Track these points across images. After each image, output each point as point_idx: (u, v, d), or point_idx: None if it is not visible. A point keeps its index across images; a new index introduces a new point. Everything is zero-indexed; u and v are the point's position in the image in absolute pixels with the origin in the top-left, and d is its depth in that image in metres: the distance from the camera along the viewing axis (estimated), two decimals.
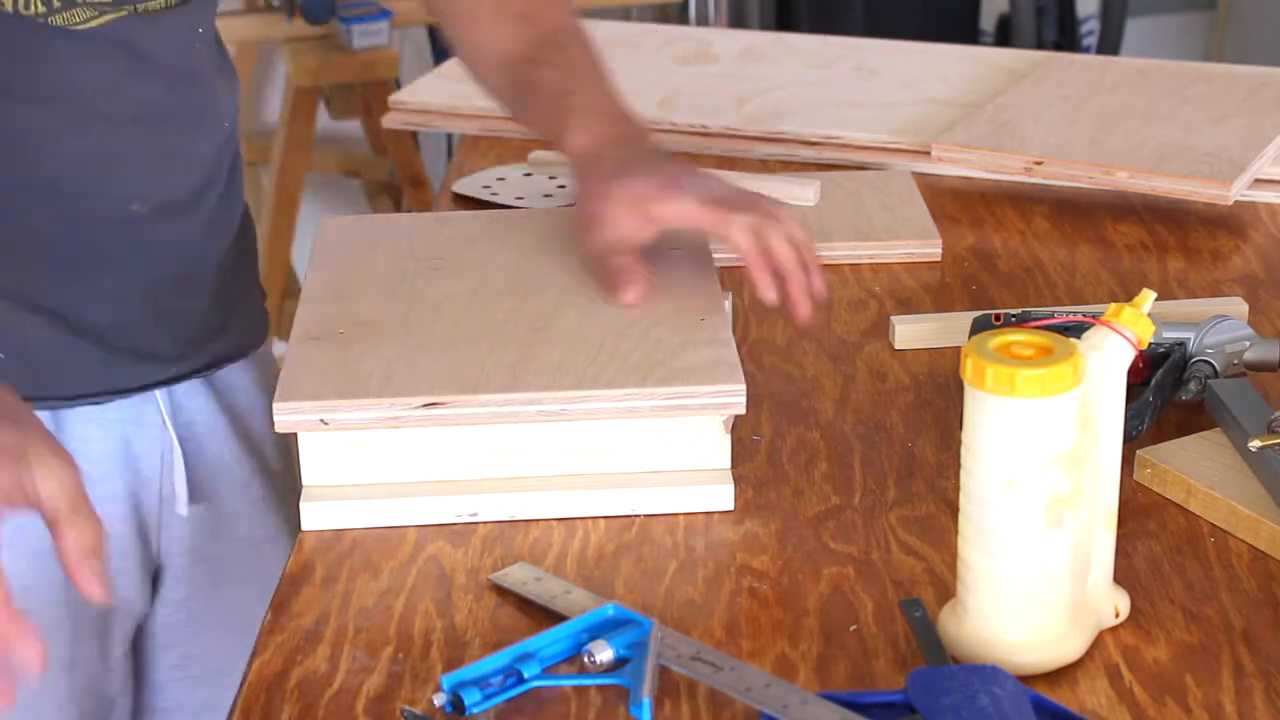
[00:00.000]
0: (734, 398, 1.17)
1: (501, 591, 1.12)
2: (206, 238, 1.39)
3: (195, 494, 1.40)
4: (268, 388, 1.44)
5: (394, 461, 1.19)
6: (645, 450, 1.19)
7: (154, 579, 1.42)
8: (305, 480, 1.19)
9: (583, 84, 1.38)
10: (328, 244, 1.39)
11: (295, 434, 1.18)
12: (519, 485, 1.19)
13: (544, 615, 1.09)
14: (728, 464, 1.21)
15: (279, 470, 1.48)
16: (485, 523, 1.19)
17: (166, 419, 1.37)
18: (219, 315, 1.41)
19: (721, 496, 1.20)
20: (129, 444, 1.36)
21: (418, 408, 1.16)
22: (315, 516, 1.19)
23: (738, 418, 1.21)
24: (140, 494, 1.37)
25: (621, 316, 1.26)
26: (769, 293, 1.26)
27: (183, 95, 1.33)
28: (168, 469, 1.38)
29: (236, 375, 1.45)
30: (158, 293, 1.34)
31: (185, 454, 1.39)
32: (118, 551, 1.35)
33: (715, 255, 1.37)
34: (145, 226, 1.32)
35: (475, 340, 1.23)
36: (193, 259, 1.37)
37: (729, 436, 1.20)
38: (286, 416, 1.16)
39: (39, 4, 1.21)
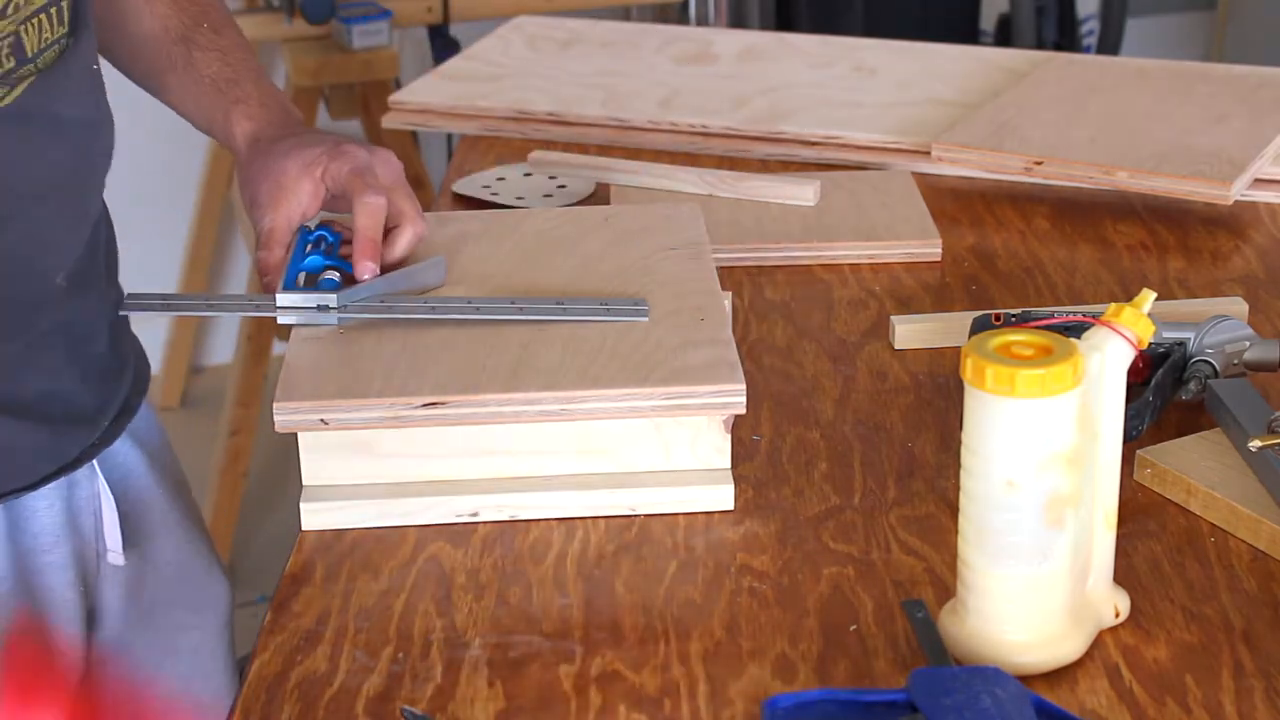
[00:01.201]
0: (734, 397, 1.17)
1: (502, 592, 1.12)
2: (106, 283, 1.33)
3: (128, 539, 1.37)
4: (158, 422, 1.43)
5: (393, 461, 1.19)
6: (645, 450, 1.19)
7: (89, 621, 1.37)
8: (305, 480, 1.19)
9: (244, 73, 1.40)
10: None
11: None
12: (519, 485, 1.19)
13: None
14: (728, 464, 1.21)
15: (188, 497, 1.46)
16: (485, 523, 1.19)
17: (99, 473, 1.33)
18: (119, 357, 1.35)
19: (721, 496, 1.20)
20: (70, 506, 1.32)
21: (418, 407, 1.16)
22: (314, 517, 1.19)
23: (738, 418, 1.21)
24: (83, 553, 1.33)
25: None
26: (365, 274, 1.27)
27: (90, 154, 1.26)
28: (100, 522, 1.34)
29: (139, 414, 1.40)
30: (77, 353, 1.28)
31: (115, 500, 1.36)
32: (66, 619, 1.31)
33: (715, 255, 1.37)
34: (65, 293, 1.25)
35: (476, 340, 1.23)
36: (94, 306, 1.31)
37: (729, 436, 1.20)
38: (287, 416, 1.16)
39: None
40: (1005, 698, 0.95)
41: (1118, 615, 1.07)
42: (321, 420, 1.16)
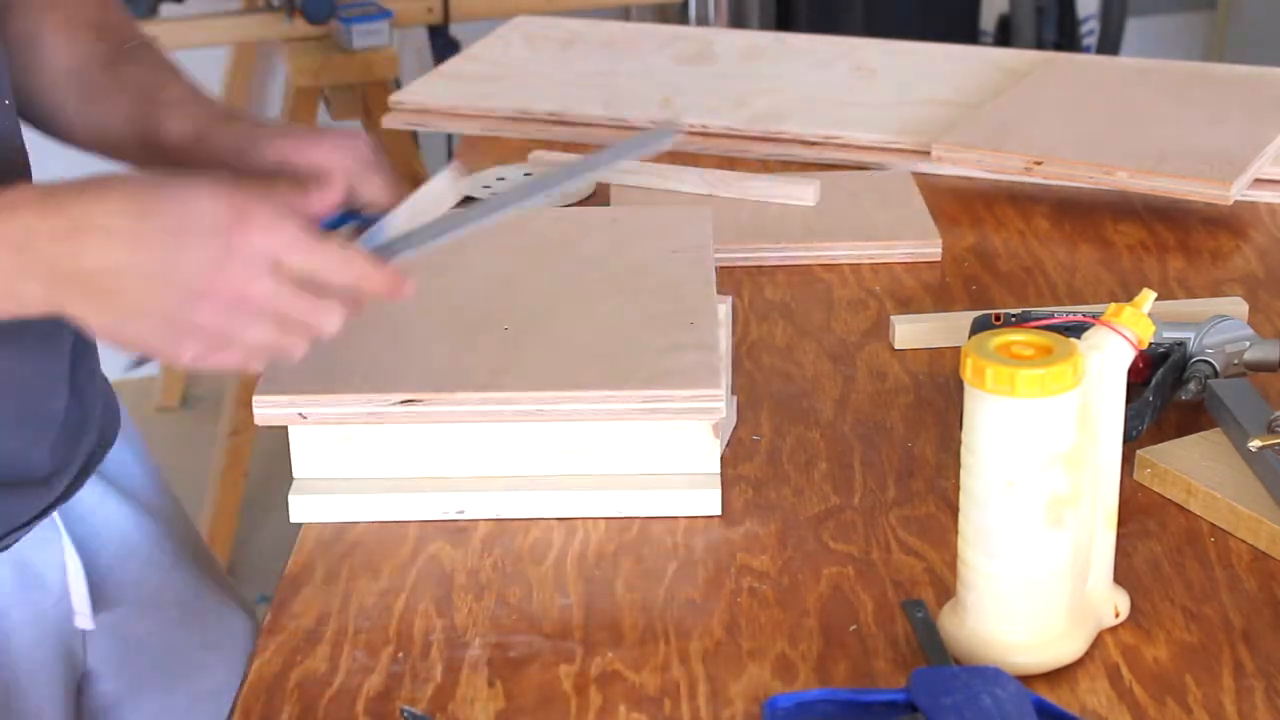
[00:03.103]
0: (713, 402, 1.16)
1: (502, 592, 1.12)
2: (64, 328, 1.12)
3: (106, 598, 1.29)
4: (145, 457, 1.38)
5: (380, 456, 1.19)
6: (632, 452, 1.19)
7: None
8: (295, 473, 1.20)
9: (174, 78, 1.24)
10: None
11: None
12: (506, 484, 1.19)
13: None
14: (716, 468, 1.20)
15: (184, 533, 1.41)
16: (485, 522, 1.19)
17: (62, 532, 1.26)
18: (79, 409, 1.25)
19: (708, 501, 1.19)
20: (27, 569, 1.23)
21: (395, 404, 1.16)
22: (303, 509, 1.19)
23: (738, 417, 1.21)
24: (51, 613, 1.25)
25: (612, 319, 1.26)
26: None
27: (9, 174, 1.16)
28: (72, 583, 1.27)
29: (115, 457, 1.32)
30: (27, 413, 1.19)
31: (86, 556, 1.28)
32: (39, 681, 1.24)
33: (716, 256, 1.37)
34: (4, 344, 1.15)
35: (459, 338, 1.22)
36: (48, 355, 1.21)
37: (718, 440, 1.19)
38: (265, 410, 1.16)
39: None
40: (1005, 698, 0.95)
41: (1118, 615, 1.07)
42: (299, 414, 1.16)
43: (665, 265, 1.32)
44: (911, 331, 1.42)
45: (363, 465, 1.19)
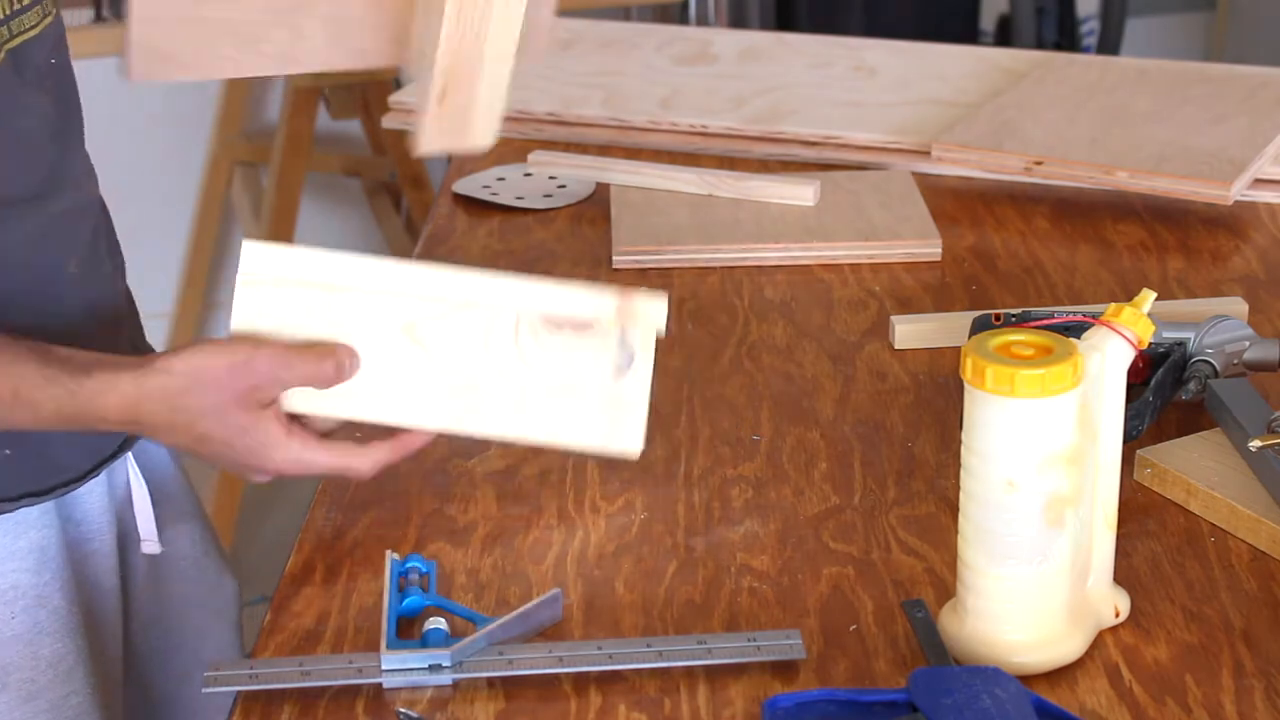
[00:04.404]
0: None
1: (502, 592, 1.12)
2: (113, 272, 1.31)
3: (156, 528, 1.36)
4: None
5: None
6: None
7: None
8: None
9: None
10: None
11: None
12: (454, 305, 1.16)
13: None
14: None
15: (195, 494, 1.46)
16: (485, 522, 1.19)
17: (133, 462, 1.34)
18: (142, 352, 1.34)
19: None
20: (111, 496, 1.32)
21: None
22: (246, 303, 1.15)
23: (739, 417, 1.21)
24: (123, 543, 1.34)
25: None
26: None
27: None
28: (139, 508, 1.34)
29: None
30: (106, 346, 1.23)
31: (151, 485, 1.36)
32: (108, 610, 1.31)
33: (715, 255, 1.36)
34: (78, 281, 1.25)
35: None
36: (107, 295, 1.30)
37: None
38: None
39: None
40: (1005, 698, 0.95)
41: (1118, 615, 1.07)
42: None
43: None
44: (911, 331, 1.42)
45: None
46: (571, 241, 1.64)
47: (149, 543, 1.34)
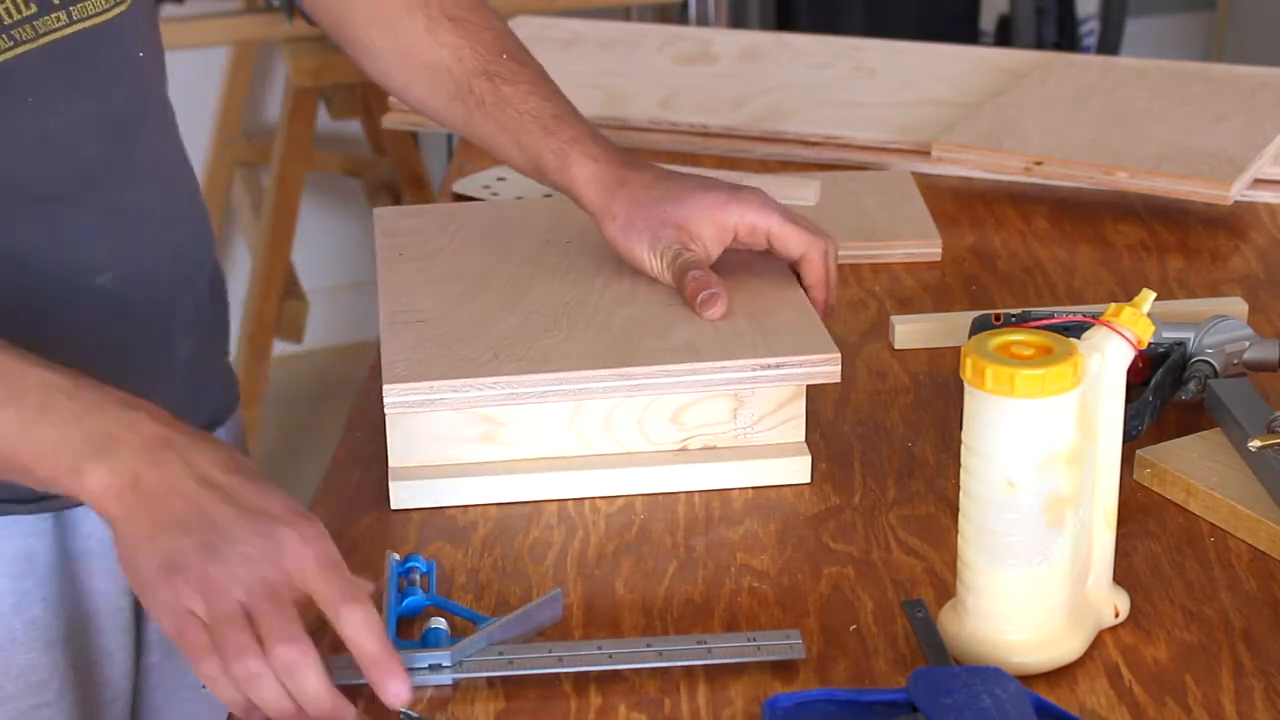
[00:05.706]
0: (827, 366, 1.20)
1: (502, 592, 1.12)
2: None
3: None
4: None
5: (479, 441, 1.21)
6: (727, 423, 1.22)
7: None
8: (392, 462, 1.21)
9: (564, 107, 1.31)
10: (389, 231, 1.38)
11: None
12: (610, 462, 1.21)
13: None
14: (802, 435, 1.24)
15: None
16: (485, 522, 1.19)
17: None
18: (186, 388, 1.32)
19: (800, 469, 1.23)
20: None
21: (541, 387, 1.17)
22: (404, 495, 1.20)
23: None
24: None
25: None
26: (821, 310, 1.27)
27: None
28: None
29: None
30: (147, 361, 1.26)
31: None
32: (116, 628, 1.30)
33: None
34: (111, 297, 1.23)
35: (554, 325, 1.23)
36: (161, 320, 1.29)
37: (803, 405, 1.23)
38: (397, 398, 1.17)
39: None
40: (1005, 698, 0.95)
41: (1117, 615, 1.07)
42: (433, 399, 1.17)
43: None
44: (911, 331, 1.42)
45: (460, 451, 1.21)
46: None
47: None
